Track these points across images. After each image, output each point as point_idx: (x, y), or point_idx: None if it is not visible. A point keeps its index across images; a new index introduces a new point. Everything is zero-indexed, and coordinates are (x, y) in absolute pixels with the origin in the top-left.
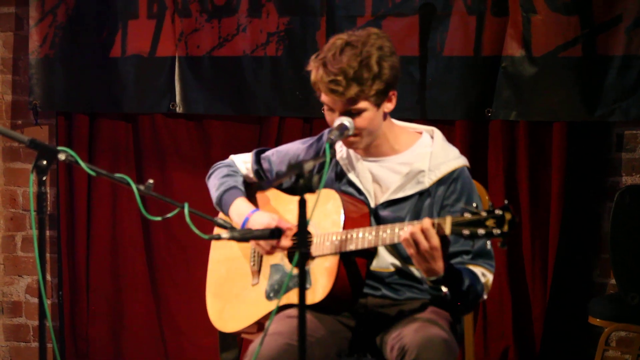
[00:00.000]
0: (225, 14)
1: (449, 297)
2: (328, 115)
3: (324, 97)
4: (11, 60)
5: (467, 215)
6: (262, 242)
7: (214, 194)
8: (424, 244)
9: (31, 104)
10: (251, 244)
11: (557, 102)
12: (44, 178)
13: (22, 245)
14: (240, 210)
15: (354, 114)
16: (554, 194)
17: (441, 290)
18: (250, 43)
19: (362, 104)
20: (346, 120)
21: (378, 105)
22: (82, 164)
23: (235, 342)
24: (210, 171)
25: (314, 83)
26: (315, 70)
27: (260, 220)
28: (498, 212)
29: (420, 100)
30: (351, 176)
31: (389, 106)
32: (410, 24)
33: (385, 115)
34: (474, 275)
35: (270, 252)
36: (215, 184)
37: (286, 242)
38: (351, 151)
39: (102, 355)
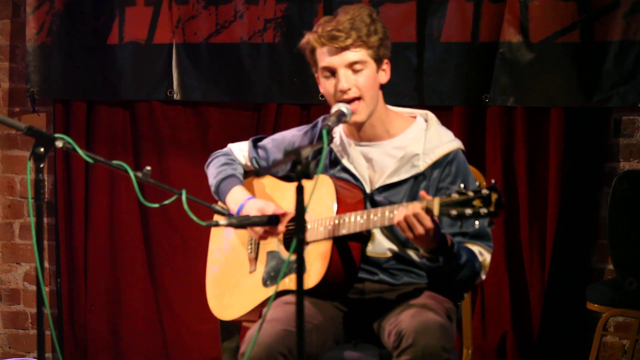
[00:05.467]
0: (222, 1)
1: (446, 267)
2: (328, 85)
3: (324, 58)
4: (8, 48)
5: (455, 196)
6: (256, 227)
7: (212, 181)
8: (418, 228)
9: (28, 92)
10: (247, 230)
11: (555, 88)
12: (42, 165)
13: (20, 233)
14: (236, 197)
15: (355, 70)
16: (551, 179)
17: (439, 261)
18: (248, 30)
19: (363, 55)
20: (343, 107)
21: (377, 62)
22: (80, 151)
23: (237, 331)
24: (209, 160)
25: (312, 48)
26: (312, 35)
27: (255, 205)
28: (485, 192)
29: (417, 87)
30: (345, 162)
31: (383, 76)
32: (407, 10)
33: (381, 88)
34: (471, 252)
35: (263, 236)
36: (213, 172)
37: (281, 227)
38: (345, 137)
39: (100, 343)
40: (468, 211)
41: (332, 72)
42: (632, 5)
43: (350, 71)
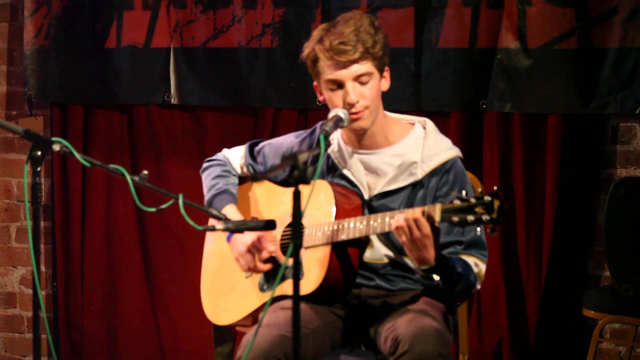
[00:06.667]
0: (221, 5)
1: (441, 285)
2: (334, 97)
3: (330, 71)
4: (6, 51)
5: (457, 202)
6: (242, 260)
7: (206, 194)
8: (416, 232)
9: (26, 95)
10: (235, 257)
11: (552, 94)
12: (39, 169)
13: (17, 236)
14: None
15: (362, 82)
16: (548, 186)
17: (433, 279)
18: (246, 34)
19: (369, 67)
20: (341, 112)
21: (380, 72)
22: (77, 155)
23: (230, 336)
24: (204, 166)
25: (316, 59)
26: (316, 45)
27: (243, 240)
28: (487, 198)
29: (415, 92)
30: (343, 169)
31: (384, 84)
32: (405, 16)
33: (381, 97)
34: (466, 264)
35: (251, 268)
36: (207, 184)
37: (265, 266)
38: (343, 144)
39: (96, 346)
40: (470, 217)
41: (339, 84)
42: (630, 12)
43: (357, 83)
